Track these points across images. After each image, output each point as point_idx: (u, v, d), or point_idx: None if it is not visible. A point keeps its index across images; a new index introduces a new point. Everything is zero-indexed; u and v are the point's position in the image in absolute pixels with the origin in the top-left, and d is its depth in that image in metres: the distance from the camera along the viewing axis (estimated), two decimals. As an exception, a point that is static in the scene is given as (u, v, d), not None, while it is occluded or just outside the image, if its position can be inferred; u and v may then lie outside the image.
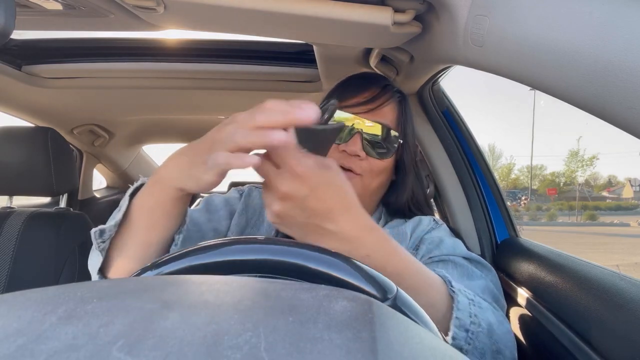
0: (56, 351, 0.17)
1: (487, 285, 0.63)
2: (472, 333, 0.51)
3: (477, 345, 0.51)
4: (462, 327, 0.50)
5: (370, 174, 0.73)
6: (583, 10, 0.37)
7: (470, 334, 0.51)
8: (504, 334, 0.55)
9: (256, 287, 0.26)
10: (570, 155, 36.68)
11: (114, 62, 1.21)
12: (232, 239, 0.38)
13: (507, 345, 0.55)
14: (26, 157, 1.20)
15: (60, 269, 1.17)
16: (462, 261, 0.66)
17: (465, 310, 0.51)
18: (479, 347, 0.51)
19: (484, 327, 0.52)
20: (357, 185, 0.72)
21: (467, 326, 0.51)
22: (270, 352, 0.18)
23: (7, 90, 1.32)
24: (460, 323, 0.50)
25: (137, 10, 0.68)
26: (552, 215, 27.46)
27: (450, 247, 0.69)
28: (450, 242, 0.71)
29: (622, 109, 0.34)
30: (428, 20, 0.66)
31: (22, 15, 0.74)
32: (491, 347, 0.52)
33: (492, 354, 0.52)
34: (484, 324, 0.52)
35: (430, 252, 0.69)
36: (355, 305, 0.24)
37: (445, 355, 0.22)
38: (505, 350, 0.54)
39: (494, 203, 1.01)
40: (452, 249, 0.69)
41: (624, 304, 0.51)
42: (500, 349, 0.53)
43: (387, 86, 0.77)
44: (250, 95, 1.40)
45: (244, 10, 0.64)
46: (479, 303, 0.55)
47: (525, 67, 0.45)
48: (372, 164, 0.73)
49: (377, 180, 0.75)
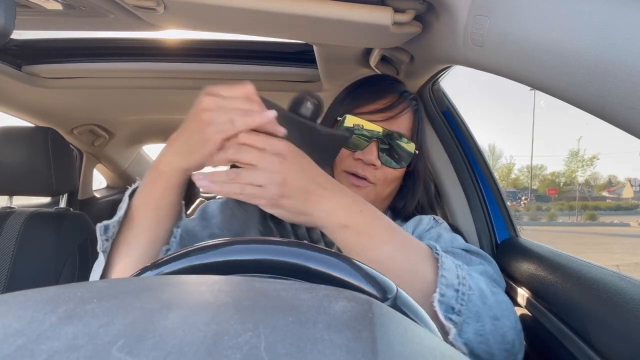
0: (56, 351, 0.17)
1: (486, 269, 0.63)
2: (462, 294, 0.50)
3: (471, 307, 0.50)
4: (450, 287, 0.50)
5: (383, 183, 0.73)
6: (583, 10, 0.37)
7: (461, 295, 0.50)
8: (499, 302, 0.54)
9: (256, 287, 0.26)
10: (571, 155, 36.71)
11: (114, 62, 1.21)
12: (232, 239, 0.38)
13: (504, 313, 0.54)
14: (26, 157, 1.20)
15: (60, 269, 1.17)
16: (461, 252, 0.66)
17: (452, 271, 0.51)
18: (472, 310, 0.50)
19: (475, 290, 0.52)
20: (369, 194, 0.72)
21: (455, 286, 0.50)
22: (270, 352, 0.18)
23: (7, 90, 1.32)
24: (448, 282, 0.50)
25: (137, 10, 0.68)
26: (552, 215, 27.47)
27: (449, 240, 0.69)
28: (448, 236, 0.71)
29: (622, 109, 0.34)
30: (428, 20, 0.66)
31: (22, 15, 0.74)
32: (487, 313, 0.52)
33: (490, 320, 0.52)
34: (474, 287, 0.52)
35: None
36: (355, 305, 0.24)
37: (445, 355, 0.22)
38: (504, 318, 0.53)
39: (494, 203, 1.01)
40: (450, 242, 0.69)
41: (624, 304, 0.51)
42: (497, 316, 0.52)
43: (404, 93, 0.75)
44: (250, 95, 1.40)
45: (244, 10, 0.64)
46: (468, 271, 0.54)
47: (525, 67, 0.45)
48: (387, 173, 0.72)
49: (389, 188, 0.75)
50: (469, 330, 0.50)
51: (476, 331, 0.51)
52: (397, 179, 0.75)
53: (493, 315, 0.53)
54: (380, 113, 0.72)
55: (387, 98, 0.73)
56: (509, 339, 0.53)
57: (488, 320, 0.52)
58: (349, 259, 0.35)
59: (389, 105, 0.72)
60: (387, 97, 0.73)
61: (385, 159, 0.72)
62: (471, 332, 0.51)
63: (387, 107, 0.72)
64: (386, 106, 0.72)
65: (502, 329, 0.53)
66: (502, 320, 0.53)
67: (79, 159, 2.05)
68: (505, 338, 0.53)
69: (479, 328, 0.51)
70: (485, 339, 0.51)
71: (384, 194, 0.75)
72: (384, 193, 0.75)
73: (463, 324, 0.50)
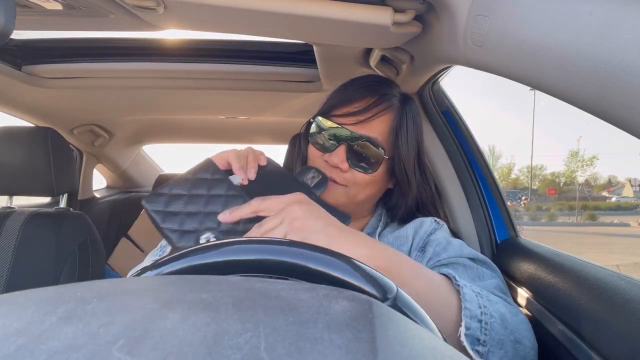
0: (56, 351, 0.17)
1: (498, 283, 0.64)
2: (485, 323, 0.51)
3: (494, 335, 0.51)
4: (474, 318, 0.51)
5: (355, 186, 0.71)
6: (583, 10, 0.37)
7: (484, 324, 0.51)
8: (519, 323, 0.55)
9: (256, 287, 0.26)
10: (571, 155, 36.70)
11: (114, 62, 1.21)
12: (232, 240, 0.38)
13: (524, 335, 0.55)
14: (26, 157, 1.20)
15: (60, 269, 1.17)
16: (470, 263, 0.67)
17: (474, 302, 0.52)
18: (495, 338, 0.51)
19: (496, 317, 0.52)
20: (341, 195, 0.72)
21: (478, 316, 0.51)
22: (270, 352, 0.18)
23: (7, 90, 1.32)
24: (471, 314, 0.51)
25: (137, 10, 0.68)
26: (552, 215, 27.47)
27: (458, 248, 0.69)
28: (457, 243, 0.71)
29: (622, 109, 0.34)
30: (428, 20, 0.66)
31: (22, 15, 0.74)
32: (509, 338, 0.52)
33: (511, 345, 0.52)
34: (495, 314, 0.53)
35: (438, 254, 0.69)
36: (355, 305, 0.24)
37: (445, 355, 0.22)
38: (524, 339, 0.54)
39: (494, 203, 1.01)
40: (460, 250, 0.69)
41: (624, 304, 0.51)
42: (518, 339, 0.53)
43: (384, 95, 0.72)
44: (250, 95, 1.40)
45: (244, 10, 0.64)
46: (486, 296, 0.55)
47: (525, 67, 0.45)
48: (357, 177, 0.71)
49: (364, 192, 0.73)
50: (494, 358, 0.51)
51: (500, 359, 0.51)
52: (373, 182, 0.72)
53: (514, 339, 0.53)
54: (352, 116, 0.70)
55: (361, 101, 0.71)
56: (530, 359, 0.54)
57: (510, 345, 0.52)
58: (349, 259, 0.35)
59: (362, 108, 0.70)
60: (361, 100, 0.71)
61: (353, 163, 0.70)
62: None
63: (359, 111, 0.70)
64: (358, 109, 0.70)
65: (523, 351, 0.54)
66: (523, 342, 0.54)
67: (79, 159, 2.05)
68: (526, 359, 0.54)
69: (502, 355, 0.52)
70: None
71: (359, 197, 0.73)
72: (359, 196, 0.73)
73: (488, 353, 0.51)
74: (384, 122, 0.71)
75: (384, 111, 0.71)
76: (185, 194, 0.58)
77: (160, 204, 0.57)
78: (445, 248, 0.69)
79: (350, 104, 0.71)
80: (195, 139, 2.34)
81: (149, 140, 2.33)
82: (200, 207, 0.57)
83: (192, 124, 2.00)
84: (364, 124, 0.70)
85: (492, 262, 0.69)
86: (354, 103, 0.71)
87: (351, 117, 0.70)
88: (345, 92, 0.75)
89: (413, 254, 0.72)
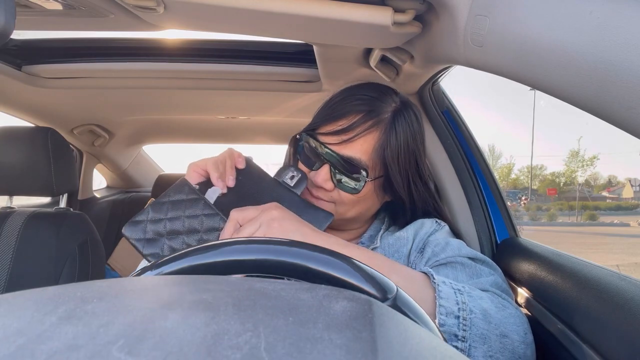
0: (56, 351, 0.17)
1: (496, 280, 0.64)
2: (463, 319, 0.51)
3: (475, 331, 0.51)
4: (450, 315, 0.51)
5: (342, 205, 0.70)
6: (583, 10, 0.37)
7: (462, 321, 0.51)
8: (506, 317, 0.55)
9: (256, 287, 0.26)
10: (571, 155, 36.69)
11: (114, 62, 1.21)
12: (233, 240, 0.38)
13: (511, 328, 0.54)
14: (26, 157, 1.20)
15: (60, 269, 1.17)
16: (469, 262, 0.66)
17: (451, 299, 0.53)
18: (477, 333, 0.51)
19: (477, 312, 0.52)
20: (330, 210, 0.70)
21: (455, 313, 0.52)
22: (270, 352, 0.18)
23: (7, 90, 1.32)
24: (447, 310, 0.52)
25: (137, 10, 0.69)
26: (552, 215, 27.46)
27: (456, 248, 0.69)
28: (455, 243, 0.71)
29: (622, 109, 0.34)
30: (428, 20, 0.66)
31: (22, 15, 0.74)
32: (493, 332, 0.52)
33: (497, 339, 0.52)
34: (476, 309, 0.53)
35: (437, 255, 0.68)
36: (355, 305, 0.24)
37: (445, 355, 0.22)
38: (512, 333, 0.54)
39: (494, 203, 1.01)
40: (458, 250, 0.69)
41: (624, 304, 0.51)
42: (504, 333, 0.53)
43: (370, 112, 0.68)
44: (250, 95, 1.40)
45: (244, 10, 0.64)
46: (469, 292, 0.55)
47: (525, 67, 0.45)
48: (343, 196, 0.69)
49: (353, 210, 0.71)
50: (478, 354, 0.51)
51: (485, 353, 0.51)
52: (360, 202, 0.70)
53: (500, 333, 0.53)
54: (335, 135, 0.68)
55: (346, 118, 0.68)
56: (520, 352, 0.54)
57: (495, 339, 0.52)
58: (349, 259, 0.35)
59: (346, 127, 0.67)
60: (346, 117, 0.68)
61: (338, 183, 0.69)
62: (480, 356, 0.51)
63: (342, 130, 0.67)
64: (342, 128, 0.67)
65: (511, 345, 0.53)
66: (511, 336, 0.53)
67: (79, 159, 2.05)
68: (516, 353, 0.53)
69: (486, 350, 0.51)
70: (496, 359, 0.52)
71: (347, 214, 0.71)
72: (348, 214, 0.71)
73: (470, 349, 0.51)
74: (367, 142, 0.68)
75: (370, 129, 0.67)
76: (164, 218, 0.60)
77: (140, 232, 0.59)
78: (444, 248, 0.69)
79: (335, 121, 0.69)
80: (195, 139, 2.34)
81: (149, 140, 2.33)
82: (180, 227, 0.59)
83: (192, 124, 2.00)
84: (347, 143, 0.67)
85: (492, 261, 0.69)
86: (338, 121, 0.69)
87: (334, 137, 0.68)
88: (330, 108, 0.72)
89: (412, 255, 0.72)
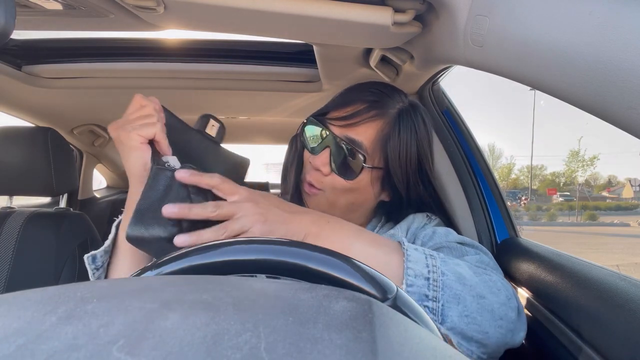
0: (56, 351, 0.17)
1: (482, 258, 0.63)
2: (434, 280, 0.53)
3: (448, 291, 0.52)
4: (419, 276, 0.53)
5: (333, 192, 0.71)
6: (583, 10, 0.37)
7: (432, 282, 0.52)
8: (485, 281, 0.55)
9: (256, 287, 0.26)
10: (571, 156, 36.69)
11: (114, 62, 1.21)
12: (233, 240, 0.38)
13: (491, 291, 0.54)
14: (26, 157, 1.20)
15: (60, 269, 1.17)
16: (456, 245, 0.66)
17: (420, 262, 0.54)
18: (450, 294, 0.52)
19: (450, 275, 0.53)
20: (320, 202, 0.72)
21: (425, 275, 0.53)
22: (270, 352, 0.18)
23: (7, 90, 1.32)
24: (415, 272, 0.53)
25: (137, 10, 0.69)
26: (552, 215, 27.46)
27: (443, 235, 0.69)
28: (442, 231, 0.71)
29: (622, 109, 0.35)
30: (428, 20, 0.66)
31: (22, 15, 0.74)
32: (469, 293, 0.53)
33: (473, 300, 0.53)
34: (449, 272, 0.54)
35: (425, 244, 0.69)
36: (355, 305, 0.24)
37: (445, 355, 0.22)
38: (490, 295, 0.54)
39: (494, 203, 1.01)
40: (445, 236, 0.69)
41: (624, 304, 0.51)
42: (482, 294, 0.53)
43: (376, 102, 0.70)
44: (250, 95, 1.40)
45: (244, 10, 0.64)
46: (442, 258, 0.56)
47: (525, 67, 0.45)
48: (335, 182, 0.70)
49: (343, 198, 0.71)
50: (452, 313, 0.52)
51: (460, 313, 0.52)
52: (352, 190, 0.71)
53: (476, 294, 0.53)
54: (341, 120, 0.70)
55: (353, 105, 0.71)
56: (499, 314, 0.54)
57: (471, 300, 0.53)
58: (349, 259, 0.35)
59: (352, 112, 0.69)
60: (353, 105, 0.71)
61: (334, 167, 0.70)
62: (455, 315, 0.52)
63: (349, 115, 0.70)
64: (348, 114, 0.70)
65: (489, 305, 0.53)
66: (489, 298, 0.54)
67: (79, 159, 2.05)
68: (495, 314, 0.53)
69: (461, 310, 0.52)
70: (472, 318, 0.52)
71: (338, 203, 0.72)
72: (339, 202, 0.72)
73: (443, 308, 0.52)
74: (371, 128, 0.69)
75: (374, 118, 0.69)
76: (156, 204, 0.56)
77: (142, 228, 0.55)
78: (431, 237, 0.69)
79: (343, 107, 0.72)
80: None
81: (149, 140, 2.32)
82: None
83: (192, 123, 1.99)
84: (351, 127, 0.69)
85: (482, 246, 0.68)
86: (346, 107, 0.71)
87: (340, 121, 0.70)
88: (341, 96, 0.75)
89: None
